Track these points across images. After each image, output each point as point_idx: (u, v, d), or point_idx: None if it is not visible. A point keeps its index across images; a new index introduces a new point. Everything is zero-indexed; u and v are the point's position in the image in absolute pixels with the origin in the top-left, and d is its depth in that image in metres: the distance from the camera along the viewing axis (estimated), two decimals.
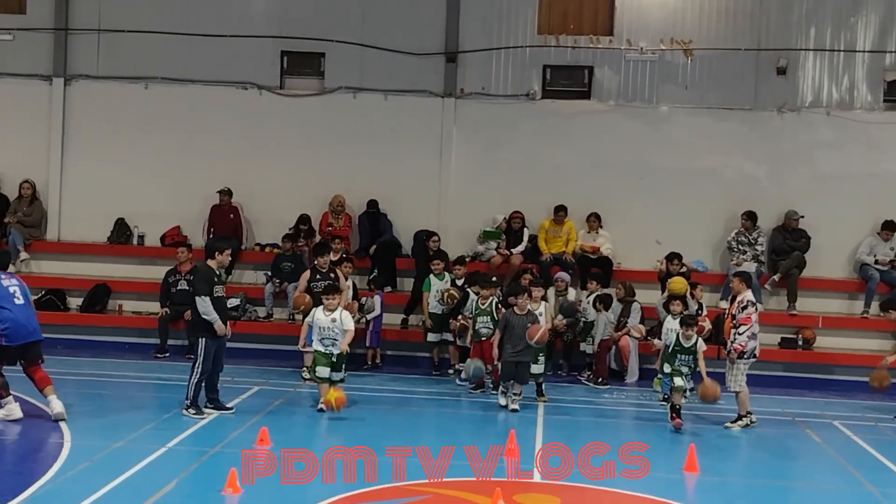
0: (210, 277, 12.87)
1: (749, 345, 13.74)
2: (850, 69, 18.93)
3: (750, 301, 13.88)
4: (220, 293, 12.99)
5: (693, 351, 13.51)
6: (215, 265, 13.07)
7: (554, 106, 19.29)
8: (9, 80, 19.58)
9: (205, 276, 12.94)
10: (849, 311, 18.58)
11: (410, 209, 19.07)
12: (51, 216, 19.61)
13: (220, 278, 13.14)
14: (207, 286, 12.77)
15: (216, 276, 12.97)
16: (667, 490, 10.65)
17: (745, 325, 13.72)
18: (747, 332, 13.71)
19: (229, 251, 13.27)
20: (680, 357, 13.61)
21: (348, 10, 19.40)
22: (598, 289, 17.04)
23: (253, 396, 14.57)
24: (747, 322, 13.73)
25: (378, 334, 17.20)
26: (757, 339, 13.95)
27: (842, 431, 14.17)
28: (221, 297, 13.05)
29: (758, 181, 19.04)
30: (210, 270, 12.99)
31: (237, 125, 19.46)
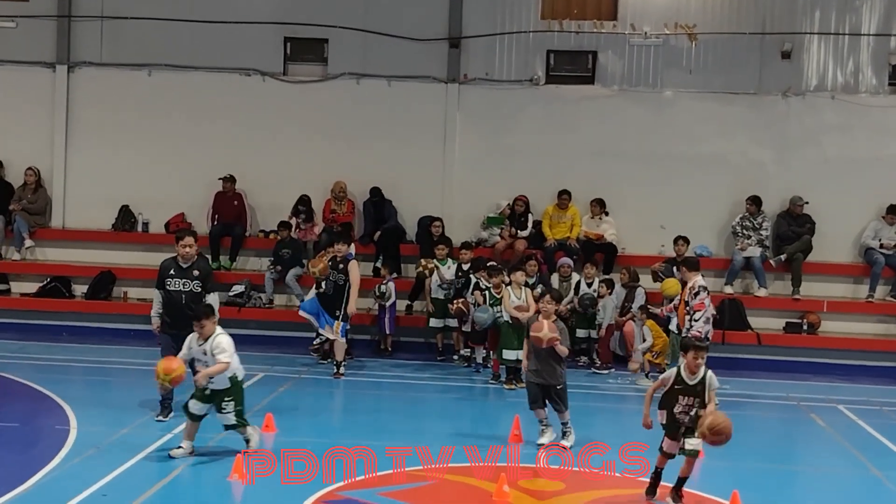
0: (164, 269, 12.05)
1: (704, 329, 13.71)
2: (855, 53, 18.86)
3: (701, 286, 13.90)
4: (176, 286, 11.88)
5: (701, 392, 9.51)
6: (179, 256, 12.04)
7: (558, 91, 19.24)
8: (12, 68, 19.58)
9: (161, 267, 12.18)
10: (854, 296, 18.56)
11: (414, 195, 19.05)
12: (55, 203, 19.63)
13: (184, 271, 11.94)
14: (159, 278, 12.07)
15: (174, 267, 11.97)
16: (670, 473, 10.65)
17: (700, 311, 13.72)
18: (703, 318, 13.69)
19: (187, 240, 11.93)
20: (683, 402, 9.51)
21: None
22: (597, 273, 16.98)
23: (258, 383, 14.59)
24: (701, 307, 13.72)
25: (394, 321, 17.18)
26: (711, 322, 13.94)
27: (847, 415, 14.17)
28: (178, 293, 11.87)
29: (763, 166, 19.00)
30: (168, 262, 12.16)
31: (241, 112, 19.44)
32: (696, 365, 9.43)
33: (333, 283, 15.04)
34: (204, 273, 12.03)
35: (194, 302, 11.70)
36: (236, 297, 18.20)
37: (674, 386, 9.51)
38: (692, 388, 9.45)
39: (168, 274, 11.95)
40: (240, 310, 18.08)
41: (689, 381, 9.44)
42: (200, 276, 11.92)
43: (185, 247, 11.95)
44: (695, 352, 9.46)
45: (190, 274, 11.90)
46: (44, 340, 17.05)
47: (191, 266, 11.93)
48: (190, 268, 11.92)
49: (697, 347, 9.56)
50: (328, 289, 15.03)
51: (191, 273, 11.91)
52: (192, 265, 11.94)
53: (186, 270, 11.91)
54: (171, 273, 11.92)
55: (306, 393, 14.43)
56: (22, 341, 16.96)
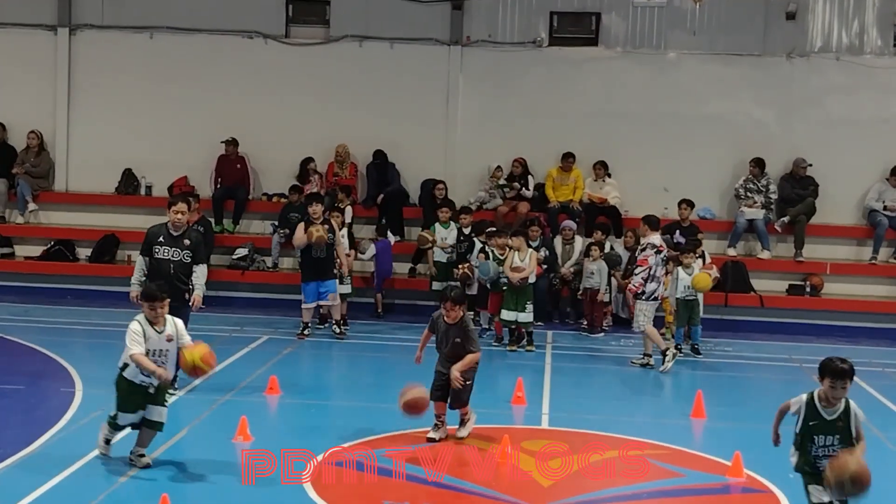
0: (153, 235, 11.26)
1: (649, 287, 13.87)
2: (859, 13, 18.73)
3: (650, 244, 14.04)
4: (164, 254, 11.14)
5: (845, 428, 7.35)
6: (170, 223, 11.24)
7: (561, 53, 19.14)
8: (13, 31, 19.49)
9: (148, 233, 11.41)
10: (857, 258, 18.55)
11: (417, 158, 19.01)
12: (58, 167, 19.61)
13: (174, 239, 11.19)
14: (145, 244, 11.28)
15: (164, 234, 11.19)
16: (674, 436, 10.73)
17: (641, 267, 13.91)
18: (642, 274, 13.87)
19: (180, 206, 11.19)
20: (821, 441, 7.39)
21: None
22: (604, 239, 16.96)
23: (262, 345, 14.66)
24: (643, 264, 13.91)
25: (379, 282, 17.20)
26: (659, 282, 14.06)
27: None
28: (167, 261, 11.13)
29: (767, 127, 18.92)
30: (157, 228, 11.37)
31: (243, 75, 19.36)
32: (833, 396, 7.29)
33: (325, 245, 14.97)
34: (195, 243, 11.33)
35: (183, 273, 11.14)
36: (240, 260, 18.23)
37: (807, 422, 7.41)
38: (831, 425, 7.33)
39: (157, 241, 11.19)
40: (243, 273, 18.12)
41: (827, 415, 7.32)
42: (191, 245, 11.23)
43: (176, 213, 11.15)
44: (831, 379, 7.21)
45: (181, 243, 11.19)
46: (48, 303, 17.11)
47: (182, 234, 11.21)
48: (181, 236, 11.21)
49: (835, 374, 7.20)
50: (320, 252, 14.95)
51: (181, 242, 11.19)
52: (184, 233, 11.23)
53: (177, 239, 11.20)
54: (159, 240, 11.18)
55: (309, 355, 14.49)
56: (26, 304, 17.01)
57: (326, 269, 15.01)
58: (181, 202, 11.37)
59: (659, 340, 14.10)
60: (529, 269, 14.68)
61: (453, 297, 10.21)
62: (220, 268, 18.18)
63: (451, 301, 10.13)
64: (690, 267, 14.90)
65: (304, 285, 15.12)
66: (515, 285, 14.70)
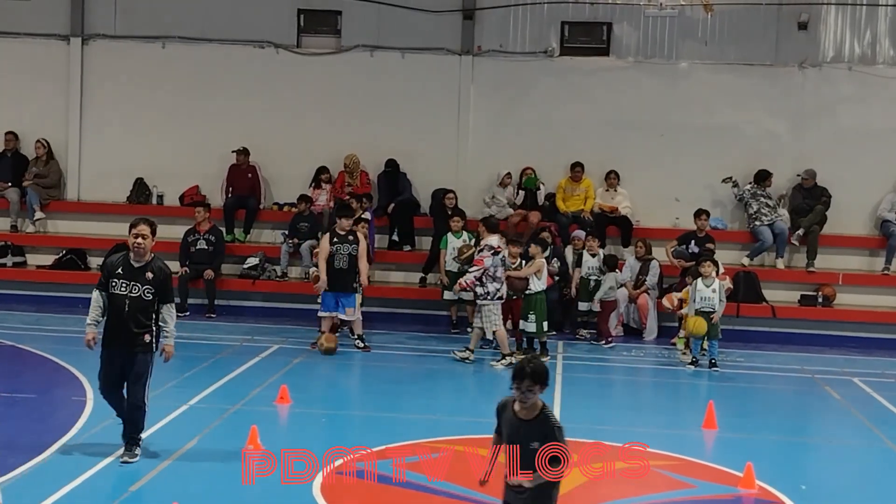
0: (110, 266, 9.48)
1: (491, 287, 14.30)
2: (872, 23, 18.70)
3: (487, 245, 14.47)
4: (119, 289, 9.30)
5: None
6: (131, 251, 9.51)
7: (572, 63, 19.14)
8: (27, 41, 19.57)
9: (105, 263, 9.76)
10: (869, 268, 18.48)
11: (428, 168, 19.02)
12: (70, 176, 19.67)
13: (134, 271, 9.37)
14: (102, 276, 9.53)
15: (123, 265, 9.42)
16: (685, 447, 10.69)
17: (476, 266, 14.41)
18: (475, 273, 14.36)
19: (141, 228, 9.38)
20: None
21: None
22: (597, 246, 16.92)
23: (273, 355, 14.66)
24: (479, 263, 14.40)
25: None
26: (500, 282, 14.42)
27: (862, 388, 14.15)
28: (122, 298, 9.29)
29: (778, 138, 18.88)
30: (117, 258, 9.61)
31: (254, 84, 19.41)
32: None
33: (347, 256, 14.99)
34: (160, 277, 9.38)
35: (141, 313, 9.30)
36: (250, 269, 18.26)
37: None
38: None
39: (115, 273, 9.36)
40: (254, 282, 18.15)
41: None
42: (154, 280, 9.33)
43: (136, 237, 9.31)
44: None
45: (141, 276, 9.32)
46: (60, 312, 17.13)
47: (144, 266, 9.36)
48: (143, 268, 9.36)
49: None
50: (342, 263, 14.99)
51: (143, 275, 9.32)
52: (147, 265, 9.37)
53: (138, 271, 9.34)
54: (118, 272, 9.35)
55: (320, 365, 14.48)
56: (38, 313, 17.06)
57: (347, 282, 15.00)
58: (142, 224, 9.41)
59: (505, 345, 14.49)
60: (524, 273, 14.66)
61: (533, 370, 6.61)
62: (231, 277, 18.24)
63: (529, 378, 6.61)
64: (710, 277, 14.82)
65: (323, 294, 15.13)
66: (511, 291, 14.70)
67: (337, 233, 15.16)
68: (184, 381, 12.70)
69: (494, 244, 14.52)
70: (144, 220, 9.47)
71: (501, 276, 14.47)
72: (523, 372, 6.60)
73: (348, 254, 14.97)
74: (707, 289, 14.75)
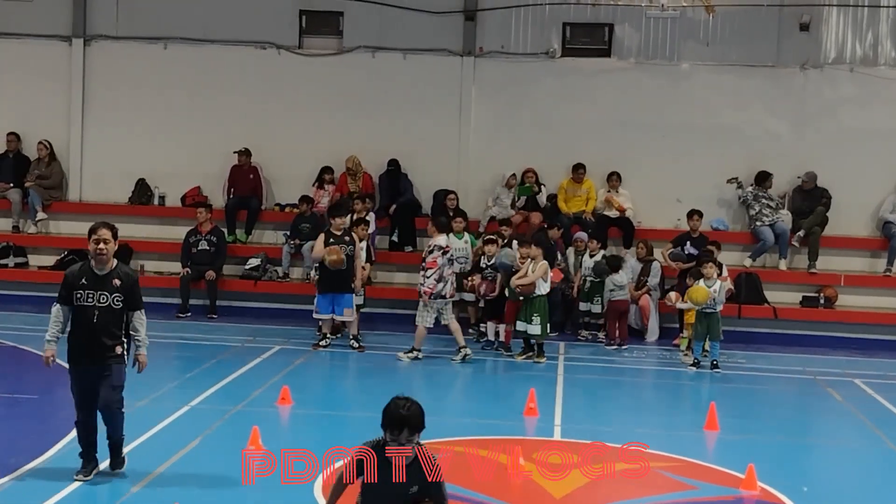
0: (72, 278, 8.79)
1: (438, 287, 14.37)
2: (874, 25, 18.69)
3: (437, 245, 14.52)
4: (86, 300, 8.70)
5: None
6: (93, 259, 8.88)
7: (574, 64, 19.13)
8: (29, 41, 19.58)
9: (66, 275, 8.92)
10: (871, 270, 18.46)
11: (430, 169, 19.02)
12: (72, 177, 19.68)
13: (99, 280, 8.75)
14: (63, 289, 8.82)
15: (87, 275, 8.78)
16: (687, 448, 10.68)
17: (431, 269, 14.36)
18: (434, 275, 14.33)
19: (101, 233, 8.80)
20: None
21: None
22: (598, 248, 16.93)
23: (274, 356, 14.66)
24: (432, 266, 14.37)
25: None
26: (447, 281, 14.53)
27: (863, 390, 14.15)
28: (90, 309, 8.70)
29: (780, 139, 18.87)
30: (77, 267, 8.94)
31: (256, 85, 19.41)
32: None
33: (345, 257, 14.96)
34: (127, 282, 8.82)
35: (112, 323, 8.73)
36: (252, 270, 18.26)
37: None
38: None
39: (78, 283, 8.72)
40: (256, 283, 18.16)
41: None
42: (123, 286, 8.76)
43: (98, 242, 8.71)
44: None
45: (108, 284, 8.73)
46: None
47: (109, 273, 8.76)
48: (108, 275, 8.76)
49: None
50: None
51: (109, 283, 8.73)
52: (112, 272, 8.77)
53: (103, 279, 8.74)
54: (81, 282, 8.71)
55: (321, 366, 14.48)
56: (40, 314, 16.90)
57: (344, 283, 14.97)
58: (103, 228, 8.81)
59: (419, 341, 14.67)
60: (533, 278, 14.64)
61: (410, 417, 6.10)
62: (233, 278, 18.24)
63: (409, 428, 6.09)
64: (712, 278, 14.81)
65: (318, 296, 15.09)
66: (519, 294, 14.71)
67: (332, 233, 15.11)
68: (185, 382, 12.71)
69: (443, 244, 14.66)
70: (105, 225, 8.88)
71: (447, 275, 14.59)
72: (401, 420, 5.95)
73: (344, 254, 14.91)
74: (709, 289, 14.73)
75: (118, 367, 8.85)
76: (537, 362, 14.82)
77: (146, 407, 11.28)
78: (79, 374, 8.85)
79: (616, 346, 16.18)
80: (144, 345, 8.92)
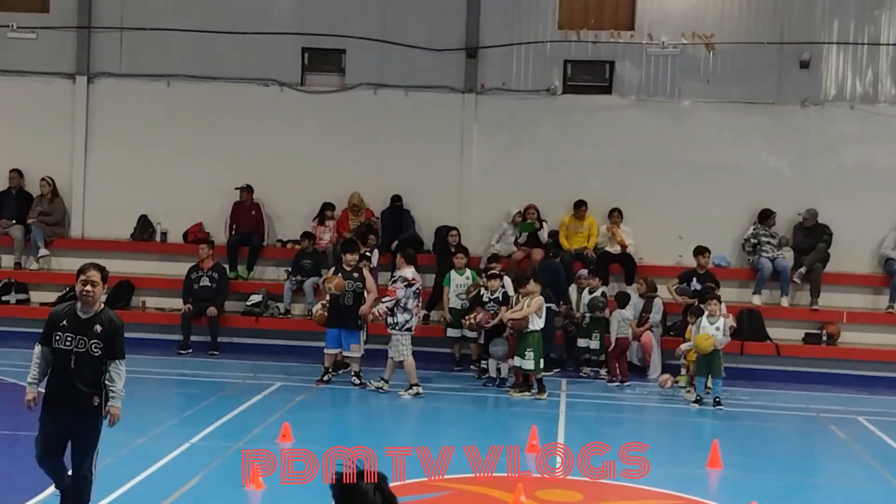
0: (55, 317, 8.35)
1: (401, 317, 14.60)
2: (873, 62, 18.78)
3: (401, 277, 14.83)
4: (64, 344, 8.18)
5: None
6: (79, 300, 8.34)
7: (575, 101, 19.22)
8: (33, 79, 19.69)
9: (51, 314, 8.49)
10: (873, 306, 18.43)
11: (431, 205, 19.05)
12: (74, 213, 19.72)
13: (81, 323, 8.22)
14: (45, 329, 8.40)
15: (69, 316, 8.26)
16: (690, 486, 10.62)
17: (388, 297, 14.76)
18: (389, 302, 14.64)
19: (90, 274, 8.26)
20: None
21: (369, 6, 19.40)
22: (598, 285, 16.92)
23: (275, 392, 14.61)
24: (391, 294, 14.76)
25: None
26: (411, 313, 14.68)
27: (867, 427, 14.08)
28: (67, 353, 8.18)
29: (781, 175, 18.90)
30: (62, 308, 8.47)
31: (259, 122, 19.50)
32: None
33: (353, 293, 15.05)
34: (109, 329, 8.26)
35: (90, 370, 8.18)
36: (254, 306, 18.25)
37: None
38: None
39: (59, 325, 8.24)
40: (257, 319, 18.14)
41: None
42: (104, 332, 8.21)
43: (86, 284, 8.19)
44: None
45: (89, 329, 8.19)
46: None
47: (93, 318, 8.22)
48: (91, 319, 8.23)
49: None
50: (347, 299, 15.05)
51: (91, 328, 8.19)
52: (96, 316, 8.23)
53: (85, 323, 8.21)
54: (62, 324, 8.22)
55: (323, 402, 14.43)
56: None
57: (352, 318, 15.04)
58: (93, 269, 8.30)
59: (412, 375, 14.70)
60: (526, 312, 14.66)
61: None
62: (235, 314, 18.23)
63: None
64: (715, 315, 14.77)
65: (328, 330, 15.18)
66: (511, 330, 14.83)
67: (343, 269, 15.24)
68: (185, 418, 12.66)
69: (409, 276, 14.81)
70: (95, 266, 8.35)
71: (412, 308, 14.70)
72: None
73: (353, 290, 15.02)
74: (711, 327, 14.70)
75: (94, 422, 8.25)
76: (538, 398, 14.78)
77: (146, 444, 11.24)
78: (52, 421, 8.26)
79: (618, 383, 16.14)
80: (119, 397, 8.30)
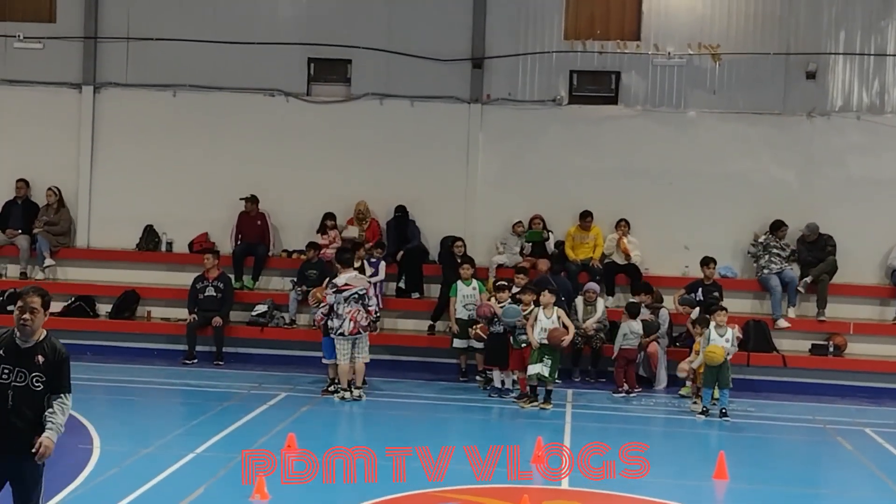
0: None
1: (333, 322, 14.71)
2: (880, 73, 18.75)
3: (331, 283, 14.98)
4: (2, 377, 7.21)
5: None
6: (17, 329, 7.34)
7: (581, 111, 19.21)
8: (39, 89, 19.73)
9: None
10: (880, 318, 18.37)
11: (437, 215, 19.04)
12: (80, 223, 19.74)
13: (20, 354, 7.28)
14: None
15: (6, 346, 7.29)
16: (696, 498, 10.58)
17: (323, 303, 14.95)
18: (324, 308, 14.87)
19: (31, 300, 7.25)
20: None
21: (375, 16, 19.43)
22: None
23: (280, 402, 14.59)
24: (324, 300, 14.95)
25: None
26: (343, 318, 14.66)
27: (873, 439, 14.02)
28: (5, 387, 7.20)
29: (787, 186, 18.87)
30: None
31: (264, 132, 19.51)
32: None
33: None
34: (54, 360, 7.35)
35: (29, 406, 7.23)
36: (259, 316, 18.23)
37: None
38: None
39: None
40: (262, 330, 18.12)
41: None
42: (46, 364, 7.30)
43: (23, 311, 7.25)
44: None
45: (29, 360, 7.27)
46: None
47: (34, 347, 7.30)
48: (32, 349, 7.30)
49: None
50: None
51: (31, 358, 7.28)
52: (37, 346, 7.31)
53: (25, 353, 7.28)
54: None
55: (328, 412, 14.40)
56: None
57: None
58: (33, 294, 7.34)
59: (343, 378, 14.74)
60: (570, 334, 14.99)
61: None
62: (240, 324, 18.21)
63: None
64: (723, 326, 14.74)
65: (325, 339, 15.13)
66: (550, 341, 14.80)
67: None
68: (191, 429, 12.64)
69: (340, 283, 14.83)
70: (36, 291, 7.37)
71: (343, 313, 14.69)
72: None
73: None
74: (721, 338, 14.66)
75: (34, 465, 7.32)
76: (543, 409, 14.75)
77: (152, 454, 11.23)
78: None
79: (624, 394, 16.09)
80: (57, 431, 7.27)
